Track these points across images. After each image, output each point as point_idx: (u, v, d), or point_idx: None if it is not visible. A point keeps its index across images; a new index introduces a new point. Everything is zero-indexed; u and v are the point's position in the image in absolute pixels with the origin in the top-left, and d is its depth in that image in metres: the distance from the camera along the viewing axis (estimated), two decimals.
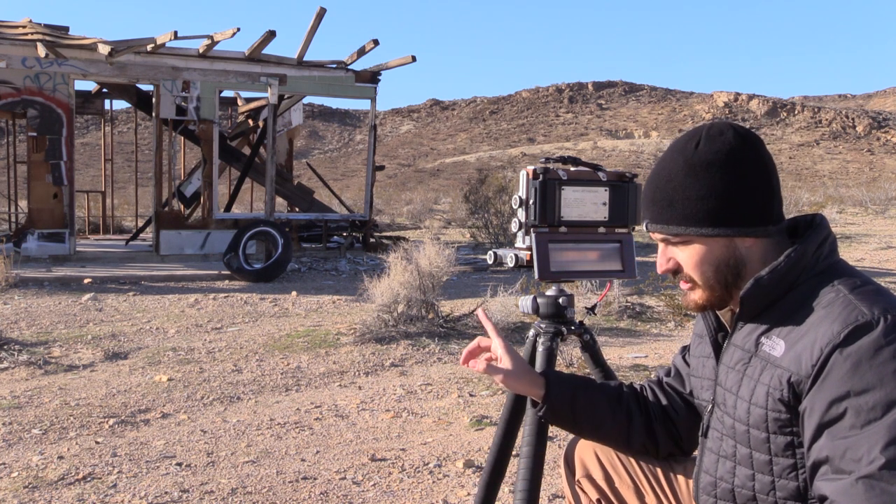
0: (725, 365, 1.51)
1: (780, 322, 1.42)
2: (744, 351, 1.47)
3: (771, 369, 1.39)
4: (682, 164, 1.46)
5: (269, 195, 13.17)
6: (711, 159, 1.43)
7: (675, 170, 1.47)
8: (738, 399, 1.45)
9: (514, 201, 2.09)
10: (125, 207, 23.52)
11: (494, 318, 6.64)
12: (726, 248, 1.45)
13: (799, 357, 1.34)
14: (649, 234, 1.55)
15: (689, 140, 1.48)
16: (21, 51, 11.49)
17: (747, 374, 1.44)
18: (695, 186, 1.44)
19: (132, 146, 21.15)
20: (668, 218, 1.47)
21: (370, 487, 3.40)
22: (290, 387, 5.15)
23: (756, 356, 1.43)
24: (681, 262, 1.50)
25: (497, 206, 14.68)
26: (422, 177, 67.48)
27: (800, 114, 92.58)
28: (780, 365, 1.38)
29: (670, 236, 1.49)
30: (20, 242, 11.66)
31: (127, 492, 3.33)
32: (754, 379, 1.42)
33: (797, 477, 1.39)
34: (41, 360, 5.65)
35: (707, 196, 1.43)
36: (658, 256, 1.55)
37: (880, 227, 19.92)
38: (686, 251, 1.48)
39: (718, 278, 1.47)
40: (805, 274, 1.43)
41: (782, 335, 1.40)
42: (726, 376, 1.50)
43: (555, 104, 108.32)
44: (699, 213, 1.44)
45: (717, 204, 1.43)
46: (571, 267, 2.10)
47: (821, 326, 1.34)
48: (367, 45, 13.06)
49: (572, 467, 1.88)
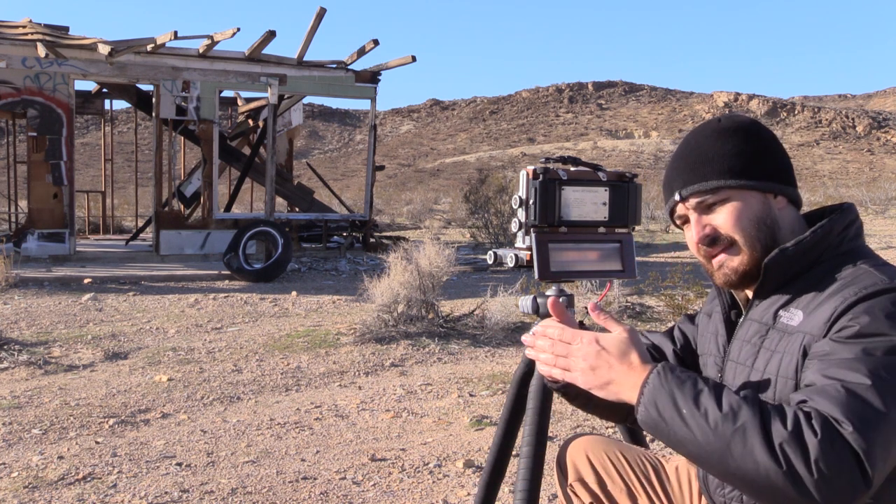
0: (739, 339, 1.51)
1: (799, 295, 1.43)
2: (761, 324, 1.46)
3: (787, 338, 1.39)
4: (709, 132, 1.50)
5: (269, 195, 13.17)
6: (738, 125, 1.50)
7: (704, 137, 1.51)
8: (751, 371, 1.44)
9: (514, 201, 2.10)
10: (125, 207, 23.53)
11: (494, 318, 6.64)
12: (762, 205, 1.47)
13: (815, 321, 1.35)
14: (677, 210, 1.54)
15: (711, 120, 1.54)
16: (21, 51, 11.49)
17: (764, 347, 1.44)
18: (728, 144, 1.47)
19: (132, 146, 21.16)
20: (705, 174, 1.47)
21: (370, 487, 3.40)
22: (290, 387, 5.15)
23: (774, 328, 1.43)
24: (719, 224, 1.47)
25: (497, 206, 14.68)
26: (422, 177, 67.49)
27: (800, 114, 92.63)
28: (796, 331, 1.38)
29: (709, 195, 1.47)
30: (20, 242, 11.66)
31: (127, 492, 3.33)
32: (770, 350, 1.42)
33: None
34: (41, 360, 5.65)
35: (741, 152, 1.47)
36: (693, 228, 1.51)
37: (880, 227, 19.92)
38: (724, 211, 1.47)
39: (759, 236, 1.45)
40: (828, 252, 1.44)
41: (800, 306, 1.40)
42: (739, 351, 1.50)
43: (555, 104, 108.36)
44: (736, 166, 1.46)
45: (751, 158, 1.46)
46: (571, 267, 2.10)
47: (839, 293, 1.35)
48: (367, 45, 13.06)
49: (564, 471, 1.88)
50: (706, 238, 1.48)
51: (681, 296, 7.73)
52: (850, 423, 1.15)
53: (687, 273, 8.18)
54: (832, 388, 1.21)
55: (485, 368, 5.61)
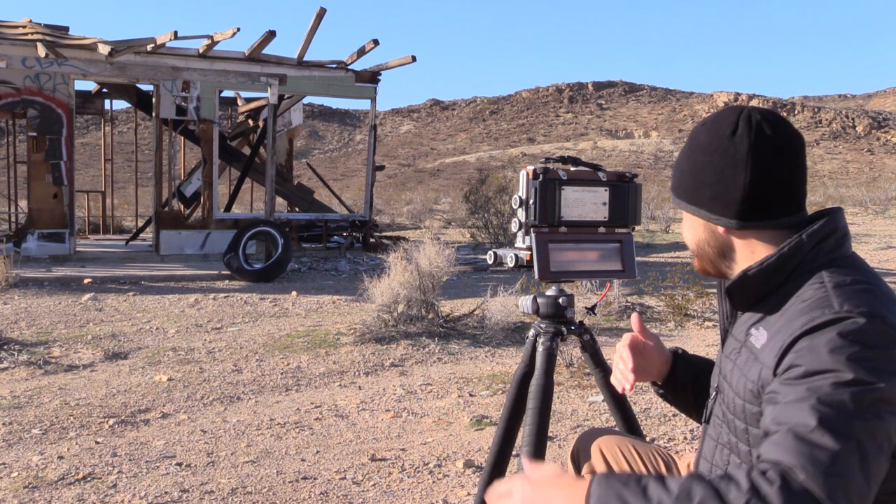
0: (725, 353, 1.53)
1: (769, 314, 1.42)
2: (737, 341, 1.48)
3: (752, 361, 1.40)
4: (690, 142, 1.55)
5: (269, 195, 13.17)
6: (717, 143, 1.47)
7: (688, 146, 1.55)
8: (728, 387, 1.47)
9: (514, 201, 2.10)
10: (125, 207, 23.52)
11: (494, 318, 6.64)
12: (707, 231, 1.51)
13: (771, 350, 1.34)
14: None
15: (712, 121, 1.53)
16: (21, 51, 11.49)
17: (737, 364, 1.45)
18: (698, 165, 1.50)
19: (132, 146, 21.15)
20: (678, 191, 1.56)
21: (370, 487, 3.40)
22: (290, 387, 5.15)
23: (745, 346, 1.44)
24: (683, 232, 1.60)
25: (497, 206, 14.67)
26: (422, 177, 67.47)
27: (800, 114, 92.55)
28: (758, 357, 1.38)
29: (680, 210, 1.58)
30: (20, 242, 11.66)
31: (127, 492, 3.33)
32: (740, 369, 1.43)
33: None
34: (41, 360, 5.65)
35: (702, 177, 1.48)
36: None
37: (880, 227, 19.91)
38: (685, 224, 1.58)
39: (701, 252, 1.55)
40: (802, 267, 1.40)
41: (767, 326, 1.40)
42: (724, 364, 1.52)
43: (555, 104, 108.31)
44: (690, 189, 1.51)
45: (709, 187, 1.48)
46: (571, 267, 2.10)
47: (794, 320, 1.32)
48: (367, 45, 13.06)
49: (578, 464, 1.91)
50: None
51: (681, 296, 7.73)
52: (803, 469, 1.12)
53: (687, 273, 8.18)
54: (781, 435, 1.18)
55: (485, 368, 5.61)
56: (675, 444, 3.95)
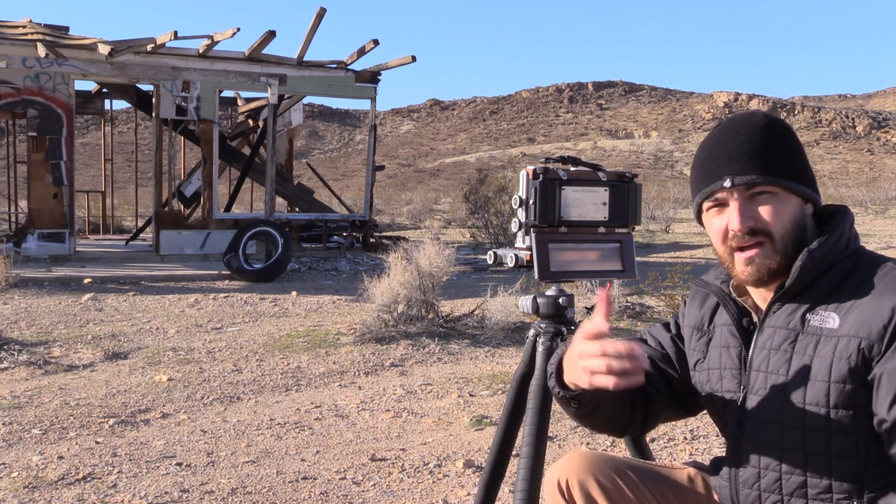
0: (764, 349, 1.48)
1: (825, 298, 1.43)
2: (788, 330, 1.45)
3: (829, 342, 1.39)
4: (761, 127, 1.49)
5: (269, 195, 13.17)
6: (787, 127, 1.51)
7: (756, 130, 1.49)
8: (788, 378, 1.43)
9: (514, 201, 2.10)
10: (125, 207, 23.53)
11: (494, 318, 6.64)
12: (800, 208, 1.49)
13: (866, 323, 1.35)
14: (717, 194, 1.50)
15: (755, 112, 1.54)
16: (21, 51, 11.49)
17: (797, 352, 1.42)
18: (784, 144, 1.48)
19: (132, 146, 21.16)
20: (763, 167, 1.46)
21: (370, 487, 3.40)
22: (290, 387, 5.15)
23: (804, 333, 1.42)
24: (762, 217, 1.46)
25: (497, 206, 14.68)
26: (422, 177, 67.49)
27: (800, 114, 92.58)
28: (841, 334, 1.37)
29: (762, 187, 1.46)
30: (20, 242, 11.66)
31: (127, 492, 3.33)
32: (808, 355, 1.40)
33: (857, 455, 1.38)
34: (41, 360, 5.65)
35: (795, 155, 1.49)
36: (735, 214, 1.47)
37: (880, 227, 19.92)
38: (770, 205, 1.46)
39: (793, 237, 1.46)
40: (841, 254, 1.46)
41: (832, 309, 1.41)
42: (767, 360, 1.47)
43: (555, 104, 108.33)
44: (792, 168, 1.48)
45: (801, 163, 1.50)
46: (571, 267, 2.10)
47: (885, 293, 1.37)
48: (367, 45, 13.06)
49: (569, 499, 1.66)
50: (748, 228, 1.46)
51: (681, 296, 7.73)
52: None
53: (687, 273, 8.18)
54: None
55: (485, 368, 5.61)
56: (674, 444, 3.94)
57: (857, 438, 1.37)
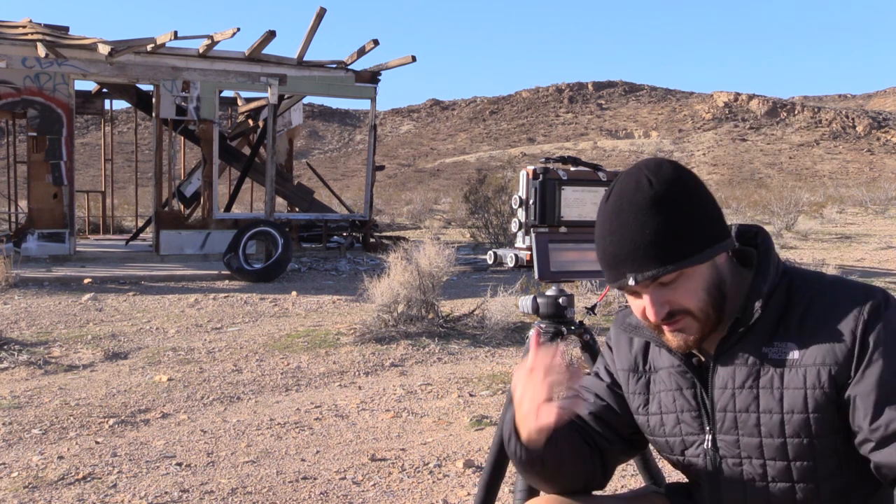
0: (726, 388, 1.45)
1: (775, 327, 1.41)
2: (748, 366, 1.42)
3: (795, 372, 1.37)
4: (647, 207, 1.37)
5: (269, 195, 13.17)
6: (673, 191, 1.38)
7: (644, 213, 1.37)
8: (761, 415, 1.41)
9: (514, 201, 2.10)
10: (125, 207, 23.52)
11: (494, 318, 6.64)
12: (711, 271, 1.41)
13: (831, 350, 1.35)
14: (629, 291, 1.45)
15: (635, 186, 1.40)
16: (21, 51, 11.49)
17: (763, 388, 1.40)
18: (675, 222, 1.37)
19: (132, 146, 21.16)
20: (659, 257, 1.37)
21: (370, 487, 3.40)
22: (290, 387, 5.15)
23: (765, 367, 1.40)
24: (675, 299, 1.40)
25: (497, 206, 14.68)
26: (422, 177, 67.49)
27: (800, 114, 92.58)
28: (808, 364, 1.36)
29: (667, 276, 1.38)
30: (20, 242, 11.65)
31: (127, 492, 3.33)
32: (777, 388, 1.39)
33: (842, 473, 1.40)
34: (41, 360, 5.65)
35: (690, 228, 1.37)
36: (649, 307, 1.42)
37: (880, 227, 19.92)
38: (680, 286, 1.40)
39: (713, 301, 1.41)
40: (781, 280, 1.45)
41: (789, 338, 1.39)
42: (733, 399, 1.44)
43: (555, 104, 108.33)
44: (690, 247, 1.37)
45: (701, 230, 1.38)
46: (571, 267, 2.10)
47: (834, 316, 1.36)
48: (367, 45, 13.06)
49: None
50: (665, 313, 1.41)
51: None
52: None
53: None
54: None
55: (485, 368, 5.61)
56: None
57: (840, 460, 1.39)
